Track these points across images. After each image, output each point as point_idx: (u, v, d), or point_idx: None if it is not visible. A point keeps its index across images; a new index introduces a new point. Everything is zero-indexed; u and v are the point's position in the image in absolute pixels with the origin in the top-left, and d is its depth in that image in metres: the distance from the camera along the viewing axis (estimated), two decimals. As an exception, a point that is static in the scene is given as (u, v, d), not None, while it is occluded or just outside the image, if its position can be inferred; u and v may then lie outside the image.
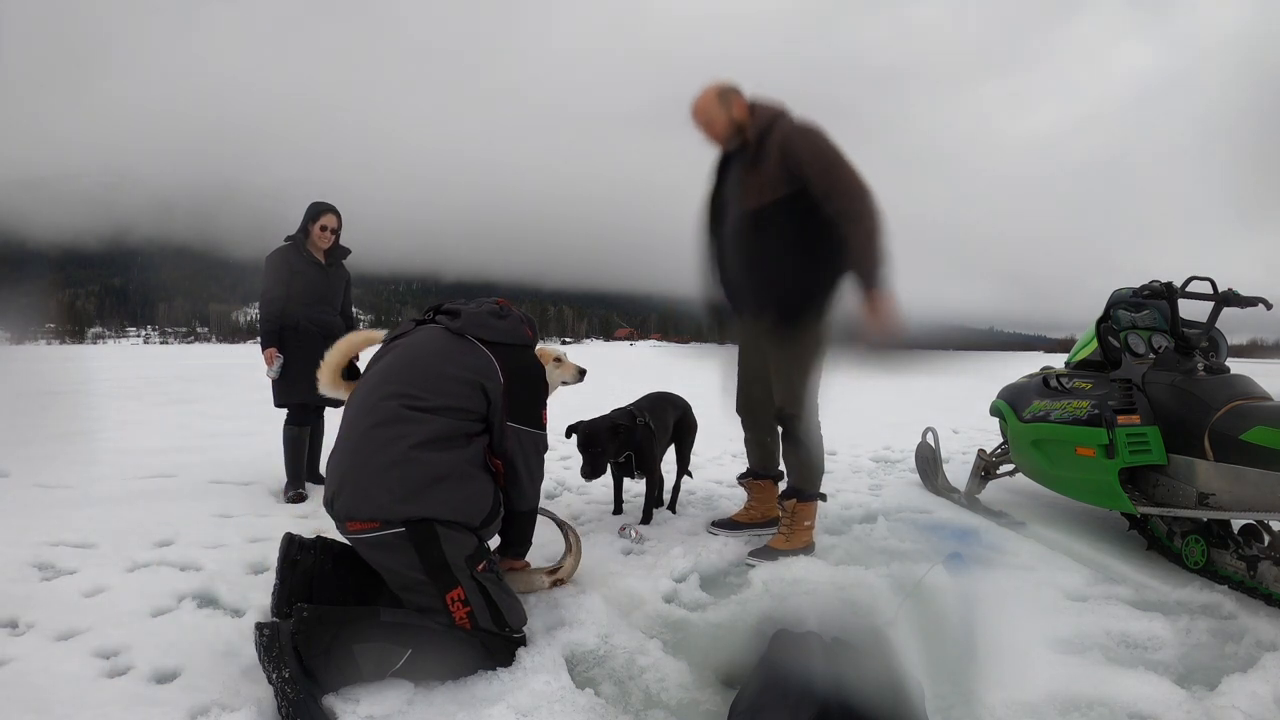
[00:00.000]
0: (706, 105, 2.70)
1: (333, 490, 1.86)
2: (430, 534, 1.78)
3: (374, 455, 1.82)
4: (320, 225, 3.67)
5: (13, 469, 4.00)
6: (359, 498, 1.80)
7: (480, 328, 2.04)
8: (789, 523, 2.82)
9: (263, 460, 4.34)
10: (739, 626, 2.11)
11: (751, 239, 2.68)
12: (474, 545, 1.86)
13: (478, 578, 1.83)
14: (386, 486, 1.78)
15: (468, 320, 2.04)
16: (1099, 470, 2.71)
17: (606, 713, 1.67)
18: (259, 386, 4.54)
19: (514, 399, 1.99)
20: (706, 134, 2.75)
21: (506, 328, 2.08)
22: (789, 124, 2.62)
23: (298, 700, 1.58)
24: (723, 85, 2.70)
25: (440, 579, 1.79)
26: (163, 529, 2.91)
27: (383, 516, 1.78)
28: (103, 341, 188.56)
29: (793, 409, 2.76)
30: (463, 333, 2.03)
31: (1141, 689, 1.77)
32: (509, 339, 2.07)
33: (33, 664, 1.78)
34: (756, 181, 2.62)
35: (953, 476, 3.92)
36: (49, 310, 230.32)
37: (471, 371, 1.95)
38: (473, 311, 2.07)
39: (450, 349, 1.99)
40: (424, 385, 1.91)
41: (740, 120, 2.69)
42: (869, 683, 1.42)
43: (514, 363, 2.03)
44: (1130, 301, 2.97)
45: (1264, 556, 2.33)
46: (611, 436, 2.95)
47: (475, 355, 1.99)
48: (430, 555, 1.78)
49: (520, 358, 2.07)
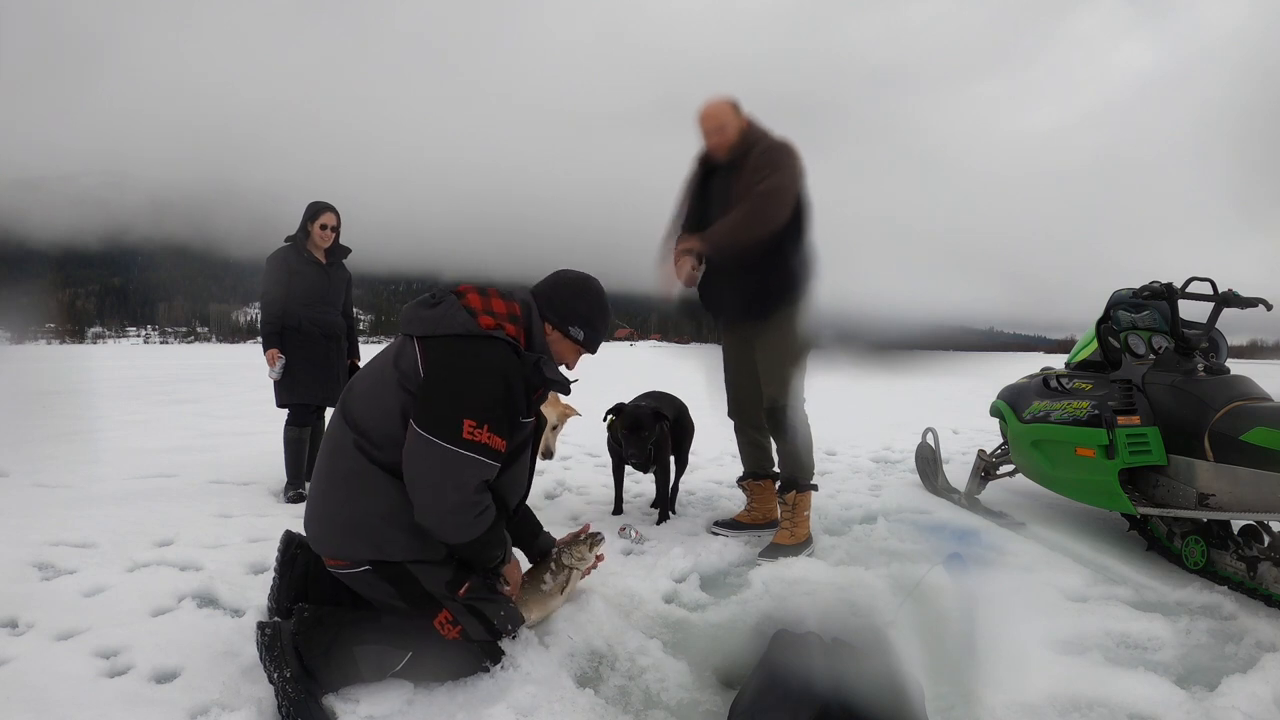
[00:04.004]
0: (722, 112, 2.79)
1: (306, 518, 1.83)
2: (401, 572, 1.75)
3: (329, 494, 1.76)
4: (320, 224, 3.67)
5: (13, 469, 4.00)
6: (323, 533, 1.77)
7: (410, 322, 1.80)
8: (790, 515, 2.86)
9: (263, 460, 4.34)
10: (739, 627, 2.11)
11: None
12: (452, 571, 1.80)
13: (462, 600, 1.79)
14: (341, 531, 1.74)
15: (402, 318, 1.83)
16: (1099, 471, 2.71)
17: (606, 713, 1.67)
18: (259, 386, 4.55)
19: (423, 396, 1.68)
20: (715, 139, 2.82)
21: (435, 316, 1.76)
22: (775, 140, 2.81)
23: (298, 700, 1.58)
24: (733, 100, 2.83)
25: (423, 607, 1.76)
26: (163, 529, 2.91)
27: (346, 556, 1.75)
28: (103, 341, 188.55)
29: (781, 399, 2.84)
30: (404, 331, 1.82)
31: (1141, 689, 1.77)
32: (436, 329, 1.75)
33: (33, 664, 1.78)
34: (741, 190, 2.73)
35: (953, 477, 3.91)
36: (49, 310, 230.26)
37: (399, 374, 1.74)
38: (408, 306, 1.84)
39: (390, 353, 1.81)
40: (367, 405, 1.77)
41: (745, 133, 2.81)
42: (869, 683, 1.42)
43: (439, 353, 1.72)
44: (1130, 302, 2.97)
45: (1264, 557, 2.33)
46: (654, 421, 3.01)
47: (405, 352, 1.76)
48: (407, 589, 1.75)
49: (448, 348, 1.72)
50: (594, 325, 1.95)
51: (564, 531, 2.35)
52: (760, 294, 2.81)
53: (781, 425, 2.88)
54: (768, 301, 2.81)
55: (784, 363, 2.84)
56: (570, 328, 1.92)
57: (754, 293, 2.81)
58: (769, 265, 2.76)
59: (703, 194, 2.96)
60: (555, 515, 3.31)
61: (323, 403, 3.69)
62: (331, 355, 3.70)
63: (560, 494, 3.77)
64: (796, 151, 2.79)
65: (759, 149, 2.76)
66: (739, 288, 2.84)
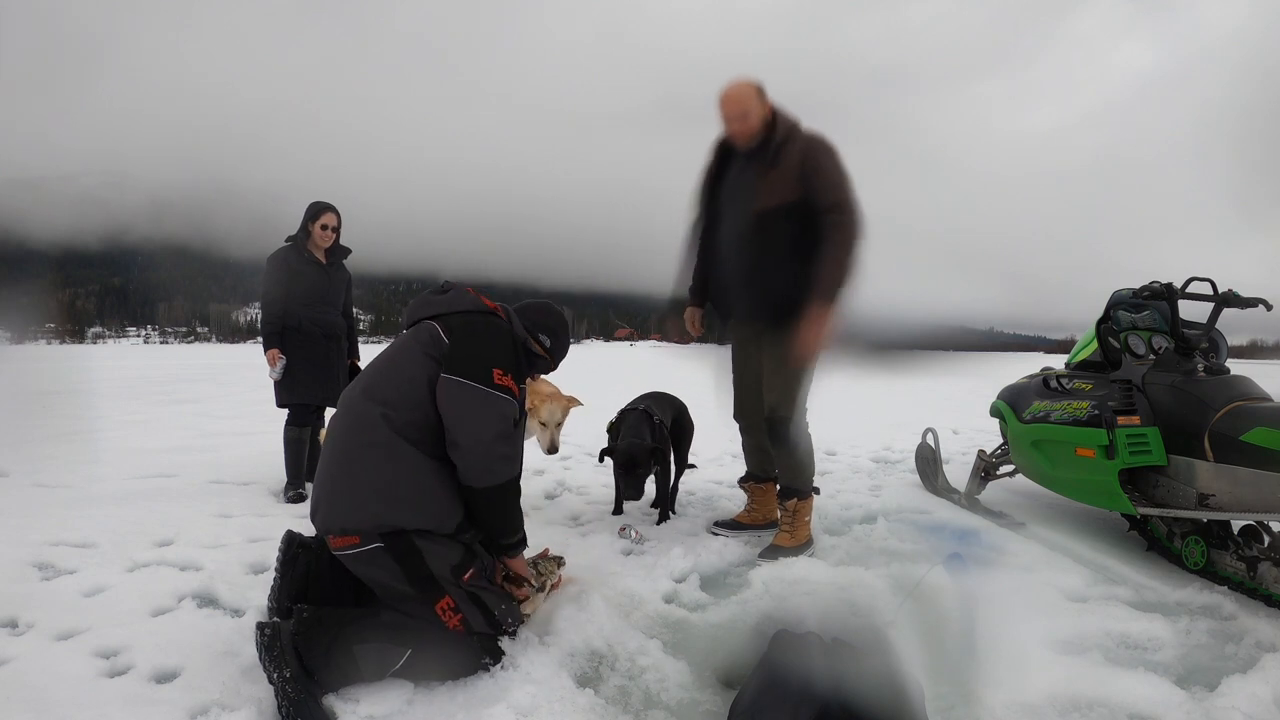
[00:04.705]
0: (744, 97, 2.65)
1: (315, 501, 1.87)
2: (410, 547, 1.77)
3: (350, 467, 1.81)
4: (320, 224, 3.67)
5: (13, 469, 4.00)
6: (337, 507, 1.80)
7: (423, 307, 2.05)
8: (791, 520, 2.84)
9: (263, 460, 4.34)
10: (739, 627, 2.11)
11: (757, 240, 2.68)
12: (459, 554, 1.84)
13: (466, 586, 1.82)
14: (358, 492, 1.78)
15: (412, 309, 2.07)
16: (1099, 471, 2.71)
17: (606, 713, 1.67)
18: (259, 386, 4.55)
19: (453, 351, 1.90)
20: (736, 126, 2.68)
21: (448, 299, 2.05)
22: (811, 135, 2.68)
23: (298, 700, 1.58)
24: (757, 83, 2.69)
25: (427, 591, 1.78)
26: (163, 529, 2.91)
27: (358, 528, 1.77)
28: (103, 341, 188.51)
29: (784, 411, 2.77)
30: (414, 319, 2.04)
31: (1141, 690, 1.77)
32: (451, 308, 2.02)
33: (33, 664, 1.79)
34: (774, 183, 2.63)
35: (953, 477, 3.92)
36: (49, 310, 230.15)
37: (421, 345, 1.92)
38: (417, 299, 2.10)
39: (405, 338, 2.00)
40: (387, 378, 1.91)
41: (768, 120, 2.69)
42: (869, 683, 1.41)
43: (457, 324, 1.97)
44: (1130, 302, 2.97)
45: (1264, 557, 2.33)
46: (649, 457, 2.99)
47: (421, 331, 1.97)
48: (413, 568, 1.77)
49: (466, 319, 1.99)
50: (559, 337, 2.21)
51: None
52: (772, 299, 2.70)
53: (781, 436, 2.82)
54: (779, 307, 2.68)
55: (788, 373, 2.73)
56: (540, 335, 2.17)
57: (766, 297, 2.72)
58: (785, 269, 2.65)
59: (720, 182, 2.85)
60: (555, 515, 3.31)
61: (323, 403, 3.70)
62: (332, 355, 3.70)
63: (560, 494, 3.77)
64: (835, 149, 2.65)
65: (795, 147, 2.63)
66: (752, 289, 2.76)
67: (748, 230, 2.70)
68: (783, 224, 2.63)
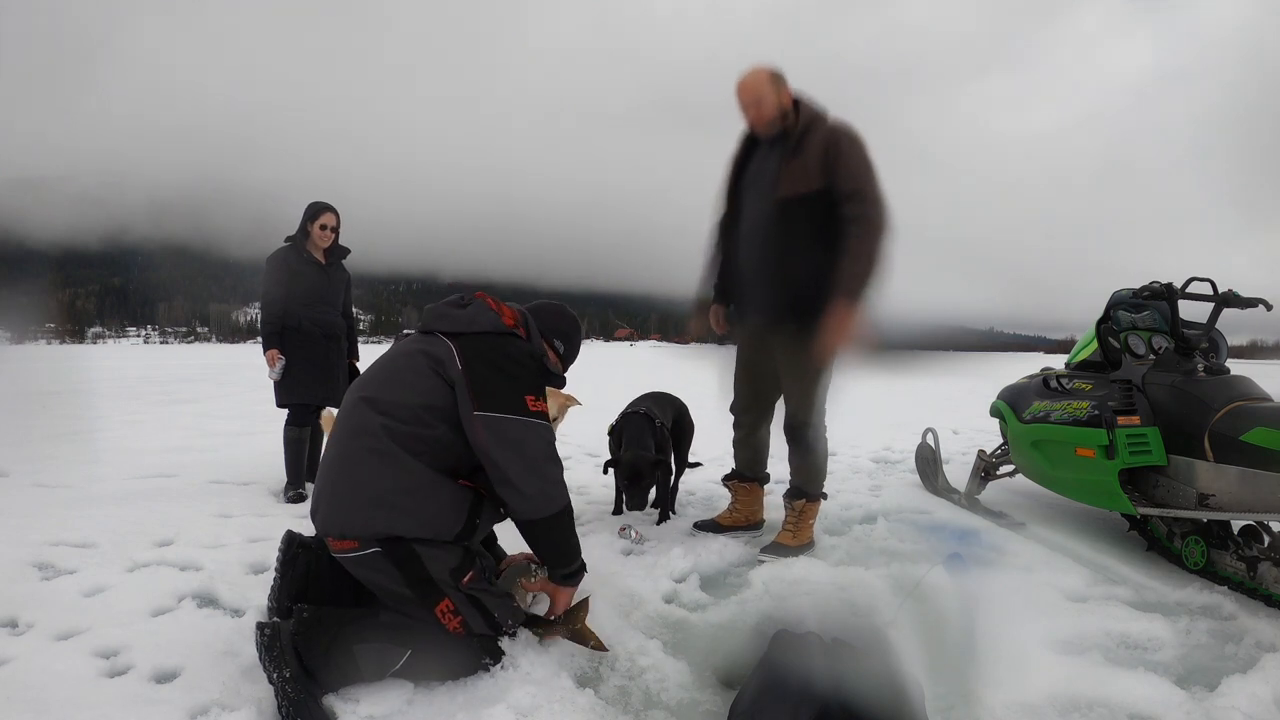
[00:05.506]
0: (758, 84, 2.61)
1: (315, 501, 1.86)
2: (408, 552, 1.76)
3: (350, 472, 1.80)
4: (320, 224, 3.67)
5: (13, 469, 4.00)
6: (335, 511, 1.79)
7: (439, 319, 1.98)
8: (795, 520, 2.83)
9: (263, 460, 4.34)
10: (739, 627, 2.11)
11: (778, 229, 2.62)
12: (459, 557, 1.83)
13: (465, 589, 1.81)
14: (358, 498, 1.77)
15: (428, 316, 2.01)
16: (1099, 471, 2.71)
17: (606, 713, 1.67)
18: (259, 386, 4.55)
19: (478, 385, 1.84)
20: (752, 113, 2.65)
21: (467, 316, 1.97)
22: (836, 123, 2.62)
23: (298, 700, 1.58)
24: (773, 69, 2.66)
25: (426, 594, 1.77)
26: (163, 529, 2.91)
27: (356, 534, 1.76)
28: (103, 341, 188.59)
29: (805, 415, 2.74)
30: (428, 329, 1.99)
31: (1141, 690, 1.77)
32: (469, 327, 1.95)
33: (33, 664, 1.78)
34: (796, 171, 2.58)
35: (953, 477, 3.92)
36: (49, 310, 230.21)
37: (430, 360, 1.88)
38: (434, 306, 2.04)
39: (413, 345, 1.96)
40: (387, 383, 1.89)
41: (786, 108, 2.65)
42: (869, 683, 1.41)
43: (475, 348, 1.90)
44: (1130, 302, 2.97)
45: (1264, 557, 2.33)
46: (653, 470, 2.98)
47: (434, 345, 1.92)
48: (412, 572, 1.76)
49: (483, 343, 1.92)
50: (571, 342, 2.21)
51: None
52: (792, 292, 2.61)
53: (801, 441, 2.80)
54: (799, 301, 2.58)
55: (810, 378, 2.68)
56: (554, 340, 2.15)
57: (786, 289, 2.63)
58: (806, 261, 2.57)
59: (743, 171, 2.81)
60: (555, 515, 3.30)
61: (322, 403, 3.70)
62: (331, 355, 3.70)
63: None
64: (860, 138, 2.58)
65: (818, 135, 2.56)
66: (773, 282, 2.68)
67: (768, 219, 2.64)
68: (804, 213, 2.57)
